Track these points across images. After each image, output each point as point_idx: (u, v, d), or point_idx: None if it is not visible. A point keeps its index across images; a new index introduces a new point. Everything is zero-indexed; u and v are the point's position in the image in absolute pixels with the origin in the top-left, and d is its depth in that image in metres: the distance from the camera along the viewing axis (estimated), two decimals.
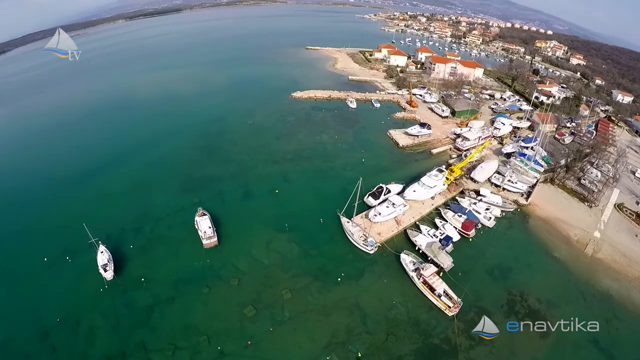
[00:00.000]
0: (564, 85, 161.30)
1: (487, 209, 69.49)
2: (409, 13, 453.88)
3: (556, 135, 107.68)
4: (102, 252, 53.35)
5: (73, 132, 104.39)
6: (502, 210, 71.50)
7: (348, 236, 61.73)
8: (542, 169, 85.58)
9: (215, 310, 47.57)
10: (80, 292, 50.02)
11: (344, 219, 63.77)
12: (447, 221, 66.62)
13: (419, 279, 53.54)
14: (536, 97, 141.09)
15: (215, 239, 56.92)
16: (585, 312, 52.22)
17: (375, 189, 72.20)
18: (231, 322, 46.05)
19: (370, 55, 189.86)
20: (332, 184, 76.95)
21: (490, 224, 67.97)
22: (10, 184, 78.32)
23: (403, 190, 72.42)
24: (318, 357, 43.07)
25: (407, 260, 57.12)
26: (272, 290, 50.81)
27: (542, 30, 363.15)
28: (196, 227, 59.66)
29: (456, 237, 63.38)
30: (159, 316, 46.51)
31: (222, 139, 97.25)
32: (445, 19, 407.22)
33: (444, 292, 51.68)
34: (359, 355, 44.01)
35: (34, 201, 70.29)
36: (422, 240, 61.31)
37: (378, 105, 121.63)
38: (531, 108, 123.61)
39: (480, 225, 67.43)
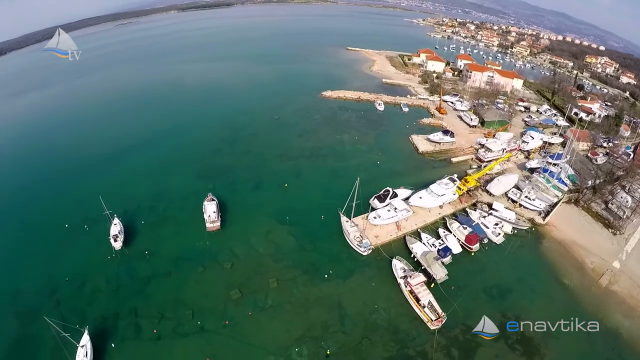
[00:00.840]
0: (609, 103, 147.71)
1: (496, 224, 64.56)
2: (458, 20, 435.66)
3: (589, 154, 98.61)
4: (115, 224, 56.37)
5: (115, 116, 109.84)
6: (514, 227, 66.19)
7: (345, 235, 60.00)
8: (566, 188, 78.50)
9: (204, 288, 48.83)
10: (91, 258, 53.31)
11: (343, 218, 62.06)
12: (451, 232, 62.57)
13: (405, 286, 50.58)
14: (575, 113, 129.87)
15: (218, 223, 58.32)
16: (586, 349, 46.81)
17: (382, 191, 69.19)
18: (216, 301, 47.07)
19: (409, 59, 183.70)
20: (342, 183, 72.76)
21: (498, 240, 63.07)
22: (51, 159, 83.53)
23: (411, 196, 68.96)
24: (289, 347, 42.88)
25: (398, 266, 54.33)
26: (261, 278, 51.10)
27: (594, 46, 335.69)
28: (203, 210, 60.94)
29: (457, 249, 59.51)
30: (154, 287, 48.66)
31: (247, 131, 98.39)
32: (495, 27, 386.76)
33: (429, 303, 48.25)
34: (328, 352, 42.90)
35: (69, 174, 75.97)
36: (418, 248, 58.07)
37: (406, 109, 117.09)
38: (567, 124, 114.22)
39: (486, 240, 62.73)
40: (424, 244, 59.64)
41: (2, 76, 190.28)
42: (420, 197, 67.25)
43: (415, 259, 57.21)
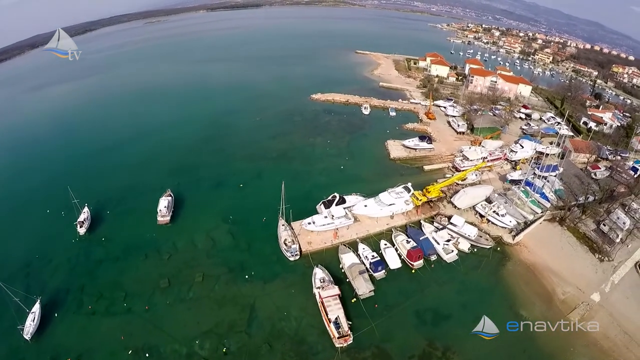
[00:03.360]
0: (627, 114, 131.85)
1: (448, 240, 55.56)
2: (483, 26, 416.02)
3: (589, 167, 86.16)
4: (84, 212, 60.02)
5: (107, 113, 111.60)
6: (472, 245, 56.94)
7: (278, 238, 55.55)
8: (548, 204, 67.81)
9: (141, 275, 50.86)
10: (61, 240, 57.26)
11: (281, 221, 57.47)
12: (393, 245, 54.41)
13: (318, 298, 44.75)
14: (584, 123, 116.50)
15: (168, 218, 60.04)
16: None
17: (329, 197, 62.10)
18: (146, 288, 48.78)
19: (414, 63, 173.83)
20: (298, 187, 70.21)
21: (450, 258, 54.38)
22: (42, 152, 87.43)
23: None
24: (193, 339, 42.85)
25: (318, 275, 48.74)
26: (190, 271, 51.64)
27: (623, 55, 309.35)
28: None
29: (396, 264, 52.12)
30: (102, 270, 51.74)
31: (226, 131, 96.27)
32: (521, 34, 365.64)
33: (337, 319, 42.10)
34: (225, 350, 41.92)
35: (57, 165, 80.00)
36: (348, 259, 51.61)
37: (394, 113, 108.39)
38: (570, 133, 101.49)
39: (435, 257, 54.04)
40: (358, 255, 52.93)
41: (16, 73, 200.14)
42: (366, 206, 59.73)
43: (343, 270, 51.10)
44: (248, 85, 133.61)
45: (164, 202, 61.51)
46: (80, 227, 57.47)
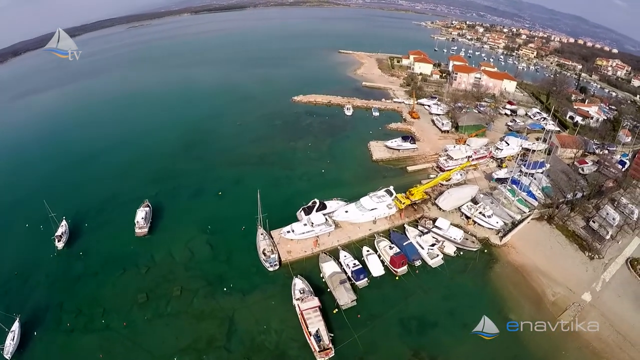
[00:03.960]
0: (613, 107, 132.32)
1: (432, 245, 53.69)
2: (467, 22, 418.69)
3: (576, 163, 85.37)
4: (62, 225, 58.48)
5: (87, 121, 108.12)
6: (458, 248, 55.16)
7: (257, 248, 53.53)
8: (535, 203, 66.52)
9: (119, 290, 49.51)
10: (39, 255, 55.59)
11: (259, 230, 55.44)
12: (376, 252, 52.36)
13: (298, 310, 42.94)
14: (570, 117, 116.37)
15: (146, 229, 58.66)
16: None
17: (309, 203, 59.95)
18: (124, 303, 47.52)
19: (398, 61, 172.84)
20: (278, 193, 68.95)
21: (435, 262, 52.50)
22: (20, 163, 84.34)
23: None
24: (171, 355, 41.64)
25: (298, 286, 46.64)
26: (168, 285, 50.18)
27: (607, 48, 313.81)
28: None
29: (379, 272, 50.12)
30: (81, 285, 50.46)
31: (206, 137, 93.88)
32: (505, 30, 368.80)
33: (317, 332, 40.35)
34: None
35: (36, 177, 77.15)
36: (329, 268, 49.59)
37: (377, 114, 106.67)
38: (556, 128, 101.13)
39: (419, 263, 52.13)
40: (339, 263, 50.89)
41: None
42: (347, 211, 57.55)
43: (324, 280, 49.03)
44: (230, 89, 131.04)
45: (141, 214, 60.15)
46: (58, 241, 56.16)
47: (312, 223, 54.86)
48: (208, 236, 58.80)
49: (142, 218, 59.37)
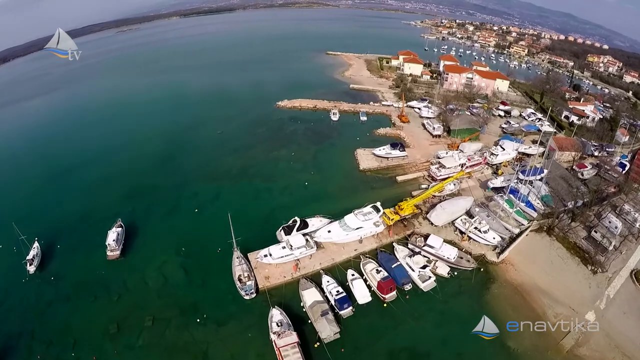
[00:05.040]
0: (607, 105, 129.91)
1: (424, 267, 49.64)
2: (457, 21, 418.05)
3: (575, 167, 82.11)
4: (34, 248, 55.72)
5: (63, 132, 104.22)
6: (452, 268, 51.20)
7: (233, 274, 49.41)
8: (534, 214, 62.86)
9: (90, 318, 46.81)
10: (11, 280, 52.63)
11: (235, 253, 51.25)
12: (362, 275, 48.20)
13: (275, 346, 39.07)
14: (566, 117, 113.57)
15: (118, 252, 55.33)
16: None
17: (290, 221, 55.65)
18: (95, 333, 44.92)
19: (387, 62, 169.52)
20: (258, 209, 64.88)
21: (427, 286, 48.45)
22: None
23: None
24: None
25: (275, 318, 42.63)
26: (139, 314, 47.00)
27: (597, 44, 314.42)
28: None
29: (365, 298, 46.05)
30: (52, 312, 47.93)
31: (186, 147, 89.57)
32: (495, 28, 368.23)
33: None
34: None
35: (7, 196, 72.06)
36: (310, 296, 45.37)
37: (364, 118, 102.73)
38: (553, 130, 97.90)
39: (410, 287, 48.07)
40: (322, 289, 46.84)
41: None
42: (329, 231, 53.15)
43: (304, 309, 44.85)
44: (212, 95, 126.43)
45: (112, 236, 56.87)
46: (30, 265, 53.57)
47: (291, 246, 50.45)
48: (182, 259, 55.03)
49: (114, 240, 56.02)
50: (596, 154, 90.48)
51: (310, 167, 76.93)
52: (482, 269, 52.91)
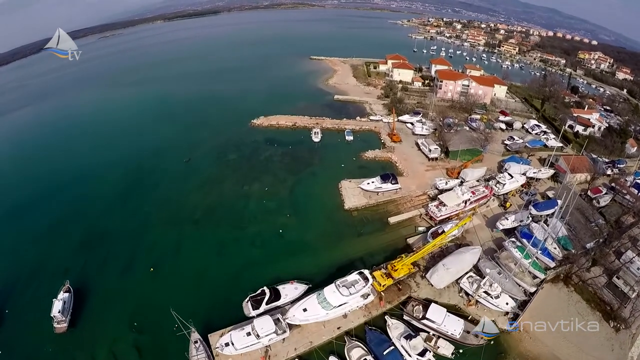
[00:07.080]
0: (608, 108, 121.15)
1: (422, 354, 38.88)
2: (444, 19, 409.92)
3: (589, 192, 72.22)
4: None
5: (12, 165, 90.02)
6: (457, 346, 40.79)
7: None
8: (552, 263, 52.66)
9: None
10: None
11: (193, 336, 40.90)
12: None
13: None
14: (570, 126, 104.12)
15: (65, 325, 47.20)
16: None
17: (257, 292, 44.75)
18: None
19: (375, 67, 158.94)
20: (223, 268, 54.34)
21: None
22: None
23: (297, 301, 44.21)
24: None
25: None
26: None
27: (586, 40, 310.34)
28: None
29: None
30: None
31: (148, 180, 77.99)
32: (483, 26, 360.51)
33: None
34: None
35: None
36: None
37: (351, 137, 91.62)
38: (559, 144, 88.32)
39: None
40: None
41: None
42: (305, 310, 41.83)
43: None
44: (183, 113, 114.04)
45: (58, 305, 48.67)
46: None
47: (258, 334, 39.37)
48: (135, 335, 46.10)
49: (59, 312, 48.01)
50: (608, 172, 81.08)
51: (287, 207, 65.61)
52: (492, 342, 42.60)
